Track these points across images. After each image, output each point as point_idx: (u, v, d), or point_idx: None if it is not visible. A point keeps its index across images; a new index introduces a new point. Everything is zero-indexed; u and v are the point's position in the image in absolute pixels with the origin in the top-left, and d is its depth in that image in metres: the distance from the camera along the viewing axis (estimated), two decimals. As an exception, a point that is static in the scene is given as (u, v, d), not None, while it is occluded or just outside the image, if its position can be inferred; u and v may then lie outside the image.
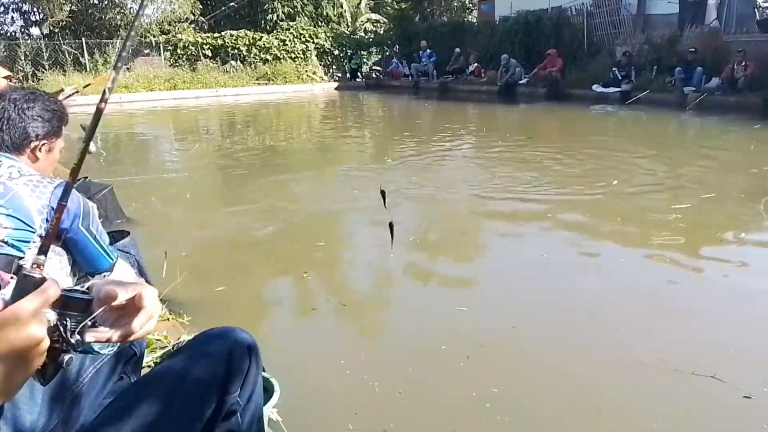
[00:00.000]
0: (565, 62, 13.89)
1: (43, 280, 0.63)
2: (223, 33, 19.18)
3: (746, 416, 2.09)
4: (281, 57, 18.70)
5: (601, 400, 2.23)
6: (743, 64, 10.28)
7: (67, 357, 0.67)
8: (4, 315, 0.57)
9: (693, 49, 11.24)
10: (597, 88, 12.53)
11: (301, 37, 19.42)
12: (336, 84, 19.22)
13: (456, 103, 14.24)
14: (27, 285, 0.62)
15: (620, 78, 12.20)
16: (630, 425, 2.08)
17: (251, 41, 18.84)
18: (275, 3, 20.71)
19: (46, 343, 0.60)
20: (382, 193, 2.08)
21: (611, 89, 12.20)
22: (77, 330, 0.68)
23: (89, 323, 0.70)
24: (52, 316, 0.64)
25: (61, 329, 0.66)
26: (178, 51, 18.40)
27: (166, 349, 2.10)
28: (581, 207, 4.79)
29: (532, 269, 3.52)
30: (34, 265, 0.64)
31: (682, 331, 2.73)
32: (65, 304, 0.67)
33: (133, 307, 0.74)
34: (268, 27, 20.50)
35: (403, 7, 21.84)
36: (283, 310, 3.16)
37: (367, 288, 3.41)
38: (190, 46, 18.45)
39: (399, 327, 2.88)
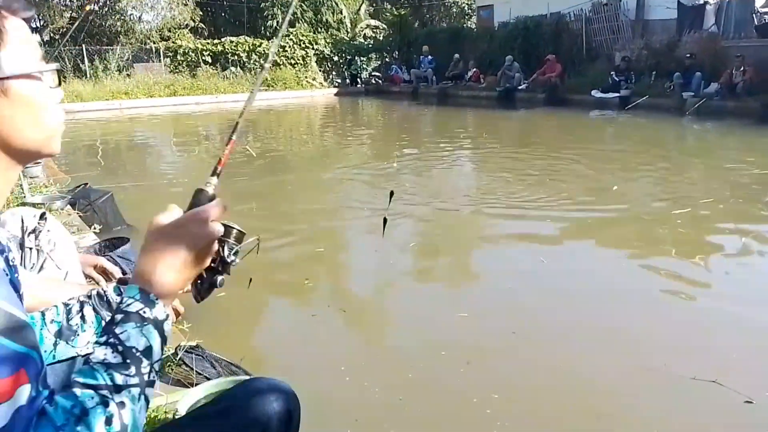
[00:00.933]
0: (564, 67, 13.93)
1: (215, 197, 0.75)
2: (222, 39, 19.23)
3: (747, 421, 2.09)
4: (281, 63, 18.74)
5: (602, 405, 2.22)
6: (742, 69, 10.31)
7: (220, 278, 0.78)
8: (194, 212, 0.72)
9: (691, 55, 11.28)
10: (596, 93, 12.55)
11: (301, 43, 19.46)
12: (336, 90, 19.25)
13: (456, 109, 14.27)
14: (202, 198, 0.75)
15: (619, 83, 12.23)
16: (631, 431, 2.08)
17: (251, 47, 18.87)
18: (275, 9, 20.78)
19: (216, 246, 0.74)
20: (391, 193, 2.22)
21: (610, 94, 12.23)
22: (233, 252, 0.77)
23: (239, 249, 0.78)
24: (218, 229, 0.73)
25: (220, 249, 0.75)
26: (178, 57, 18.43)
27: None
28: (581, 213, 4.79)
29: (533, 275, 3.51)
30: (208, 184, 0.76)
31: (684, 337, 2.73)
32: (225, 230, 0.75)
33: None
34: (268, 33, 20.56)
35: (403, 13, 21.90)
36: (284, 316, 3.16)
37: (367, 294, 3.41)
38: (190, 53, 18.49)
39: (399, 333, 2.88)
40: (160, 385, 2.02)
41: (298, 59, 19.24)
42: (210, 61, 18.48)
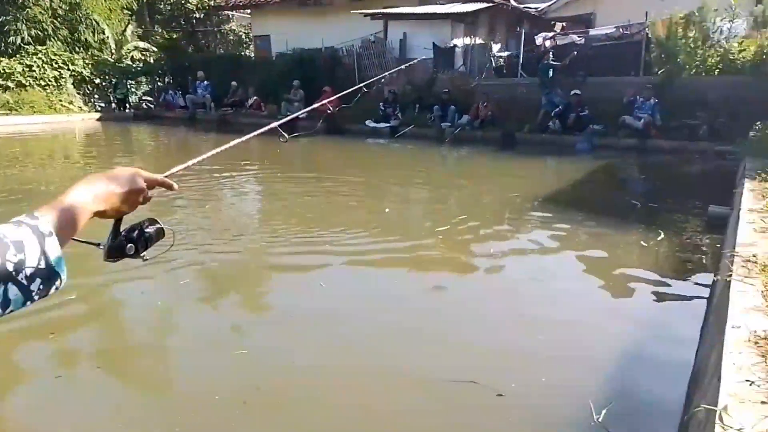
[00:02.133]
0: (340, 99, 14.66)
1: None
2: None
3: (501, 412, 2.33)
4: (27, 84, 16.26)
5: (375, 423, 2.28)
6: (485, 104, 12.06)
7: (130, 245, 0.98)
8: (137, 170, 0.95)
9: (447, 90, 12.84)
10: (370, 123, 13.48)
11: (53, 62, 17.18)
12: (99, 115, 17.38)
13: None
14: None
15: (389, 114, 13.33)
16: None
17: (-12, 65, 16.08)
18: (19, 24, 18.03)
19: (147, 195, 0.96)
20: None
21: (382, 124, 13.25)
22: (149, 233, 1.02)
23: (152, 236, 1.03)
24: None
25: (143, 224, 1.01)
26: None
27: None
28: (355, 235, 4.99)
29: (313, 302, 3.51)
30: None
31: (445, 342, 2.96)
32: (153, 220, 1.05)
33: None
34: (9, 50, 17.72)
35: (174, 37, 20.86)
36: (26, 380, 2.61)
37: (125, 343, 3.02)
38: None
39: (167, 380, 2.60)
40: None
41: (50, 80, 16.94)
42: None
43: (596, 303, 3.52)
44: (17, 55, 17.38)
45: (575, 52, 11.71)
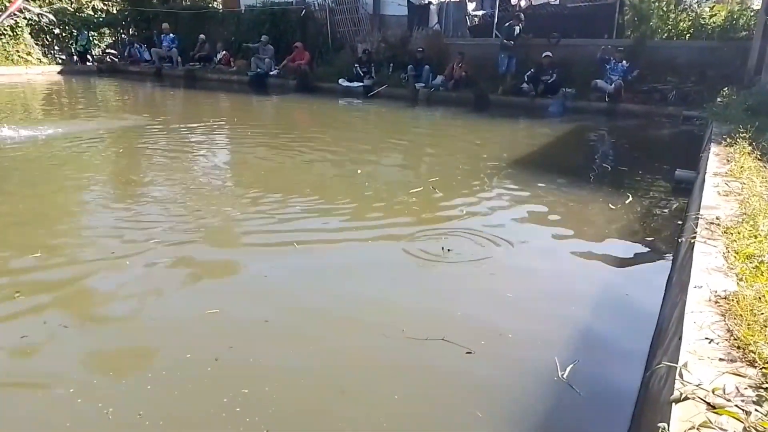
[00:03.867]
0: (313, 56, 14.33)
1: None
2: None
3: (470, 369, 2.39)
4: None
5: (346, 378, 2.31)
6: (460, 64, 11.93)
7: None
8: None
9: (421, 49, 12.62)
10: (343, 82, 13.22)
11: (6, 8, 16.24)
12: (59, 68, 16.63)
13: (206, 92, 13.58)
14: None
15: (362, 73, 13.08)
16: (372, 398, 2.20)
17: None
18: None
19: None
20: None
21: (355, 84, 13.01)
22: None
23: None
24: None
25: None
26: None
27: None
28: (325, 197, 4.95)
29: (287, 263, 3.50)
30: None
31: (418, 303, 3.00)
32: None
33: None
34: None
35: (138, -15, 19.87)
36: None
37: (97, 302, 2.96)
38: None
39: (136, 343, 2.57)
40: None
41: (5, 29, 16.07)
42: None
43: (563, 263, 3.60)
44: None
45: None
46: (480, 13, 14.40)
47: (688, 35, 11.06)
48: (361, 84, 12.89)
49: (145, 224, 4.09)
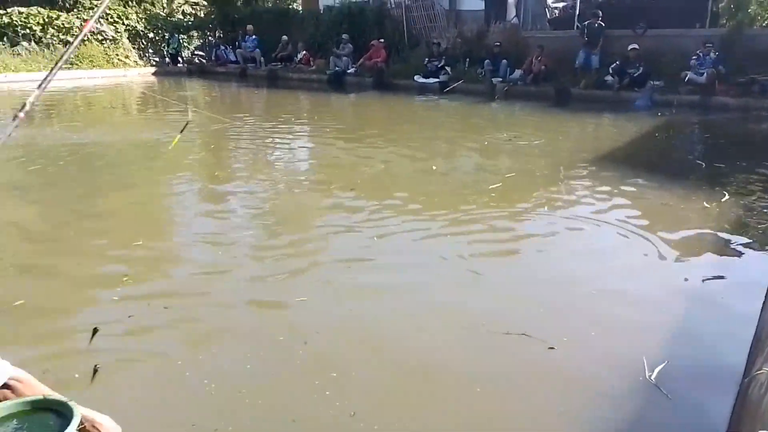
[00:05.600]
0: (389, 53, 14.46)
1: None
2: (9, 10, 16.55)
3: (551, 365, 2.38)
4: (87, 39, 16.71)
5: (428, 366, 2.37)
6: (539, 57, 11.64)
7: None
8: None
9: (498, 43, 12.43)
10: (418, 78, 13.25)
11: (108, 17, 17.52)
12: (154, 69, 17.76)
13: (287, 91, 14.06)
14: None
15: (437, 69, 13.05)
16: (453, 386, 2.25)
17: (46, 20, 16.52)
18: (75, -23, 18.39)
19: None
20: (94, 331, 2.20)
21: (431, 80, 13.00)
22: None
23: None
24: None
25: None
26: (-50, 29, 15.51)
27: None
28: (408, 190, 5.02)
29: (367, 251, 3.61)
30: None
31: (498, 296, 3.01)
32: None
33: None
34: (67, 5, 18.14)
35: (223, -11, 20.81)
36: (98, 317, 2.82)
37: (194, 285, 3.19)
38: (-34, 23, 15.66)
39: (236, 324, 2.76)
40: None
41: (106, 36, 17.35)
42: (-6, 34, 15.85)
43: (654, 263, 3.46)
44: (74, 10, 17.81)
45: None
46: (561, 5, 13.97)
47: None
48: (436, 80, 12.87)
49: (238, 215, 4.34)
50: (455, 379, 2.30)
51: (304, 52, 16.07)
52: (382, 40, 14.36)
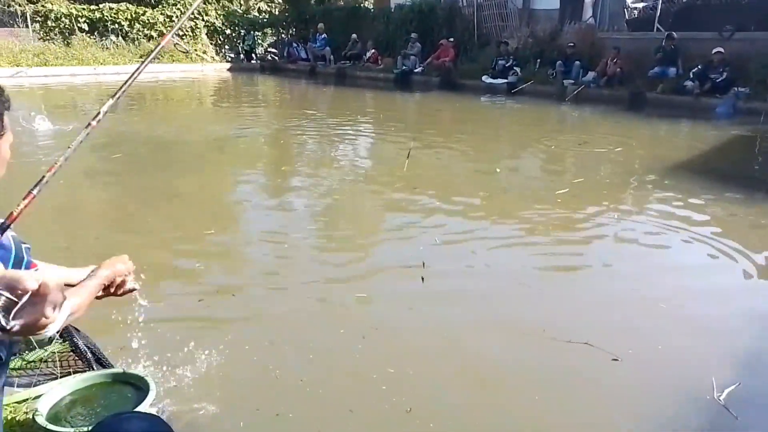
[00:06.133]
0: (458, 53, 14.37)
1: None
2: (101, 5, 17.66)
3: (615, 376, 2.33)
4: (167, 33, 17.59)
5: (486, 372, 2.38)
6: (615, 59, 11.23)
7: None
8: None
9: (572, 44, 12.08)
10: (486, 78, 13.08)
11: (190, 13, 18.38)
12: (229, 65, 18.45)
13: (354, 90, 14.26)
14: None
15: (505, 69, 12.84)
16: (511, 392, 2.24)
17: (133, 16, 17.52)
18: (161, -25, 19.36)
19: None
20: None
21: (499, 80, 12.81)
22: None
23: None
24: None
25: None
26: (49, 23, 16.71)
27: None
28: (470, 193, 5.00)
29: (428, 254, 3.63)
30: None
31: (561, 305, 2.97)
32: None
33: None
34: (152, 1, 19.17)
35: (298, -13, 21.33)
36: (172, 301, 3.00)
37: (260, 276, 3.33)
38: (63, 18, 16.82)
39: (299, 317, 2.86)
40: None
41: (187, 30, 18.19)
42: (87, 29, 16.93)
43: (725, 279, 3.31)
44: (159, 6, 18.77)
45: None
46: (641, 5, 13.39)
47: None
48: (504, 81, 12.67)
49: (301, 210, 4.48)
50: (514, 384, 2.30)
51: (373, 50, 16.22)
52: (451, 40, 14.28)
